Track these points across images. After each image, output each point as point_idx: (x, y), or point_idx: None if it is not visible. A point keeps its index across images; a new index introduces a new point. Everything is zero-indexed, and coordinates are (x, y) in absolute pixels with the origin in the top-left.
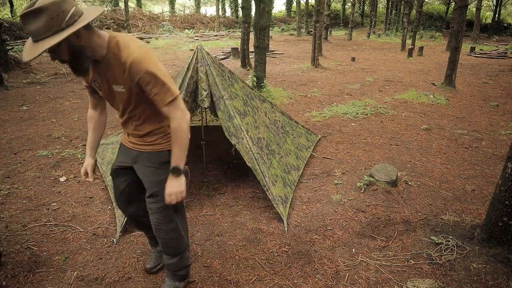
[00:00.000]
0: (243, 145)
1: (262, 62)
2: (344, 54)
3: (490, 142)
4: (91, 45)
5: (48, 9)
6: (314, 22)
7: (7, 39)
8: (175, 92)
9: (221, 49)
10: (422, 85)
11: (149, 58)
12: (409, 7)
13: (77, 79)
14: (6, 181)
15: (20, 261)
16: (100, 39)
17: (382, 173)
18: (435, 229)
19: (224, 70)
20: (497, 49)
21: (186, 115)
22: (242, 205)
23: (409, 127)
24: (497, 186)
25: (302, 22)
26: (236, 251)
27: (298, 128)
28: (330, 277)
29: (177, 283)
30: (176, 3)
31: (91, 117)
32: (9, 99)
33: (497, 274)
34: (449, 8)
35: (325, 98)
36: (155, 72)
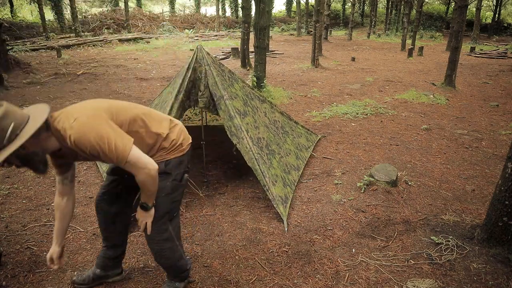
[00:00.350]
0: (243, 145)
1: (262, 62)
2: (344, 54)
3: (490, 142)
4: (42, 147)
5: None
6: (314, 22)
7: (7, 39)
8: (125, 153)
9: (221, 49)
10: (422, 85)
11: (86, 131)
12: (409, 7)
13: (77, 79)
14: (6, 181)
15: (20, 261)
16: (50, 137)
17: (382, 173)
18: (435, 229)
19: (224, 70)
20: (497, 49)
21: (147, 169)
22: (242, 205)
23: (409, 127)
24: (497, 186)
25: (302, 22)
26: (236, 251)
27: (297, 128)
28: (330, 277)
29: (177, 284)
30: (176, 3)
31: (57, 205)
32: (9, 99)
33: (497, 274)
34: (449, 8)
35: (325, 98)
36: (97, 146)
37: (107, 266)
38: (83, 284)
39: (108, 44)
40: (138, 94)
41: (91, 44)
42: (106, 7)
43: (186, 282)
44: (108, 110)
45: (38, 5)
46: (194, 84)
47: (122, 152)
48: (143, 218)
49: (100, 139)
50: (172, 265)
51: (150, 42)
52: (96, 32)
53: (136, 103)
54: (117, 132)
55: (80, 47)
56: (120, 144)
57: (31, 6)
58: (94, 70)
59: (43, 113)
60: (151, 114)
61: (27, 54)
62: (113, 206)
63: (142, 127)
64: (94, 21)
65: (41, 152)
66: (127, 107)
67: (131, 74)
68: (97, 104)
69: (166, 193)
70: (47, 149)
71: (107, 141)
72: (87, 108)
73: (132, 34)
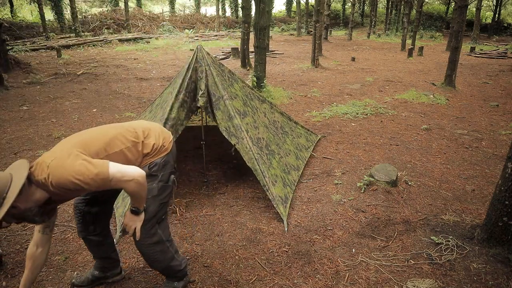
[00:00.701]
0: (243, 145)
1: (262, 62)
2: (344, 54)
3: (490, 142)
4: (33, 201)
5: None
6: (314, 22)
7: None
8: (105, 174)
9: (221, 49)
10: (422, 85)
11: (62, 172)
12: (409, 7)
13: (77, 79)
14: None
15: (20, 261)
16: (37, 189)
17: (382, 173)
18: (435, 229)
19: (224, 70)
20: (497, 49)
21: (135, 179)
22: (242, 205)
23: (409, 127)
24: (497, 186)
25: (302, 22)
26: (236, 251)
27: (297, 128)
28: (330, 277)
29: (175, 284)
30: (176, 3)
31: (30, 255)
32: (9, 99)
33: (497, 274)
34: (449, 8)
35: (325, 98)
36: (77, 181)
37: (104, 268)
38: (81, 286)
39: (108, 44)
40: (138, 94)
41: (91, 44)
42: (106, 7)
43: (186, 281)
44: (79, 144)
45: (38, 5)
46: (196, 85)
47: (101, 174)
48: (133, 223)
49: (76, 173)
50: (165, 267)
51: (150, 42)
52: (96, 32)
53: (114, 124)
54: (90, 161)
55: (80, 47)
56: (96, 169)
57: (31, 6)
58: (94, 70)
59: (23, 170)
60: (128, 128)
61: (27, 54)
62: (93, 207)
63: (123, 143)
64: (94, 21)
65: (34, 206)
66: (102, 133)
67: (131, 74)
68: (68, 142)
69: (153, 195)
70: (38, 201)
71: (84, 171)
72: (57, 151)
73: (132, 34)
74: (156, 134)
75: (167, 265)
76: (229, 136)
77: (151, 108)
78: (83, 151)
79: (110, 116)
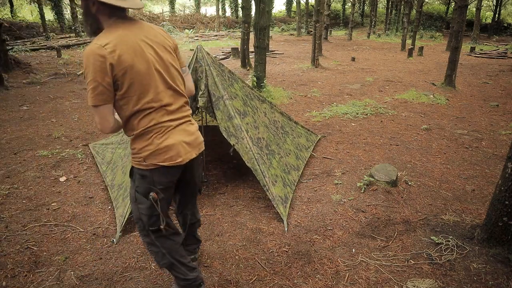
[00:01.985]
0: (243, 145)
1: (262, 62)
2: (344, 54)
3: (490, 142)
4: (97, 20)
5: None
6: (314, 22)
7: (7, 39)
8: (89, 101)
9: (221, 49)
10: (422, 85)
11: (84, 62)
12: (409, 7)
13: (77, 79)
14: (6, 181)
15: (20, 261)
16: (105, 26)
17: (382, 173)
18: (435, 229)
19: (224, 70)
20: (497, 49)
21: (99, 124)
22: (242, 205)
23: (409, 127)
24: (497, 186)
25: (302, 22)
26: (236, 251)
27: (297, 128)
28: (330, 277)
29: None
30: (176, 3)
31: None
32: (9, 99)
33: (497, 274)
34: (449, 8)
35: (325, 98)
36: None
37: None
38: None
39: None
40: None
41: None
42: None
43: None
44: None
45: (38, 5)
46: (196, 85)
47: (90, 96)
48: None
49: (86, 76)
50: (165, 268)
51: None
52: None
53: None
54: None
55: (80, 47)
56: (90, 93)
57: (31, 6)
58: None
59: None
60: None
61: (27, 54)
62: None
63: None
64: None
65: (94, 21)
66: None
67: None
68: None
69: (132, 201)
70: (97, 27)
71: (88, 81)
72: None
73: None
74: (147, 142)
75: (164, 267)
76: (228, 136)
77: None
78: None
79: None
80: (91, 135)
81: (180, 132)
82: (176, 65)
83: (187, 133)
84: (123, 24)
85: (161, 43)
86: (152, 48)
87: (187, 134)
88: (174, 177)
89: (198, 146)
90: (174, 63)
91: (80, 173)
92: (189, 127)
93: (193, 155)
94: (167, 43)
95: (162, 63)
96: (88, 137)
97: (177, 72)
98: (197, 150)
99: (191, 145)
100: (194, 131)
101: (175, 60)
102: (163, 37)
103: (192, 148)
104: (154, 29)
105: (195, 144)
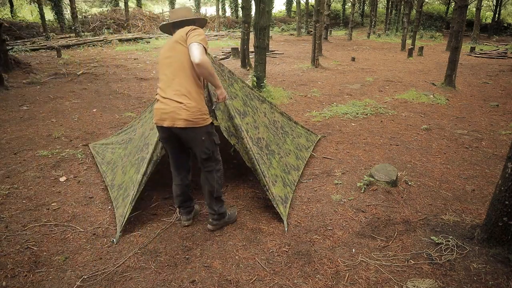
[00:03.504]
0: (243, 145)
1: (262, 62)
2: (344, 54)
3: (490, 142)
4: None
5: None
6: (314, 22)
7: (7, 39)
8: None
9: (221, 49)
10: (422, 85)
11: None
12: (409, 7)
13: (77, 79)
14: (6, 181)
15: (20, 261)
16: None
17: (382, 173)
18: (435, 229)
19: (224, 70)
20: (497, 49)
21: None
22: (242, 205)
23: (409, 127)
24: (497, 186)
25: (302, 22)
26: (236, 251)
27: (297, 128)
28: (330, 277)
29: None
30: (176, 3)
31: None
32: (9, 99)
33: (497, 274)
34: (449, 8)
35: (325, 98)
36: None
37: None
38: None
39: (108, 44)
40: (138, 94)
41: (91, 44)
42: (106, 7)
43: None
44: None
45: (38, 5)
46: None
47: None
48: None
49: None
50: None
51: (150, 42)
52: (96, 32)
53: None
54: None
55: (80, 47)
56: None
57: (31, 6)
58: (94, 70)
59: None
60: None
61: (27, 54)
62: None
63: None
64: (94, 21)
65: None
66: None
67: (131, 74)
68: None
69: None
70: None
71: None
72: None
73: (132, 34)
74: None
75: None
76: (229, 136)
77: (152, 108)
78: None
79: (110, 116)
80: (91, 135)
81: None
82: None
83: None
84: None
85: (175, 39)
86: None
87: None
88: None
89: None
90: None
91: (80, 173)
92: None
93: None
94: (176, 38)
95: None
96: (88, 137)
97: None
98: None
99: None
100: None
101: (175, 50)
102: (177, 34)
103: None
104: (177, 33)
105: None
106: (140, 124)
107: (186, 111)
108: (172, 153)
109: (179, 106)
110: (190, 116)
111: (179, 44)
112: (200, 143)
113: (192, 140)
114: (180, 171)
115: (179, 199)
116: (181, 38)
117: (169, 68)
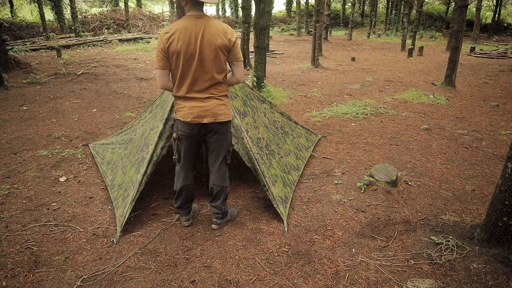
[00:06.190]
0: (243, 145)
1: (262, 62)
2: (344, 54)
3: (490, 142)
4: (184, 12)
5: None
6: (314, 22)
7: (7, 39)
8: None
9: None
10: (422, 85)
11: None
12: (409, 7)
13: (77, 79)
14: (6, 181)
15: (20, 261)
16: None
17: (382, 173)
18: (435, 229)
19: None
20: (497, 49)
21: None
22: (242, 205)
23: (409, 127)
24: (497, 186)
25: (302, 22)
26: (236, 251)
27: (297, 128)
28: (330, 277)
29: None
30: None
31: None
32: (9, 99)
33: (497, 274)
34: (449, 8)
35: (325, 98)
36: None
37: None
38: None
39: (108, 44)
40: (138, 94)
41: (91, 44)
42: (106, 7)
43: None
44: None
45: (38, 5)
46: None
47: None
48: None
49: None
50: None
51: (150, 42)
52: (96, 32)
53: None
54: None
55: (80, 47)
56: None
57: (31, 6)
58: (94, 70)
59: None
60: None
61: (27, 54)
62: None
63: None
64: (94, 21)
65: (181, 8)
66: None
67: (131, 74)
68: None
69: None
70: (183, 11)
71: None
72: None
73: (132, 34)
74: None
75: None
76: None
77: (152, 108)
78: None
79: (110, 116)
80: (91, 135)
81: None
82: (215, 62)
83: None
84: (190, 18)
85: (212, 41)
86: (201, 43)
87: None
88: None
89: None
90: (212, 60)
91: (80, 173)
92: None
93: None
94: (216, 43)
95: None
96: (88, 137)
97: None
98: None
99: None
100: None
101: (217, 58)
102: (215, 37)
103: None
104: (213, 29)
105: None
106: (140, 124)
107: (225, 107)
108: (188, 151)
109: (220, 103)
110: (228, 111)
111: (221, 52)
112: (229, 136)
113: (224, 133)
114: (191, 171)
115: (183, 200)
116: (225, 46)
117: (201, 65)
